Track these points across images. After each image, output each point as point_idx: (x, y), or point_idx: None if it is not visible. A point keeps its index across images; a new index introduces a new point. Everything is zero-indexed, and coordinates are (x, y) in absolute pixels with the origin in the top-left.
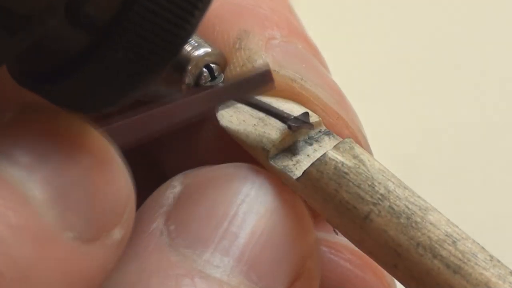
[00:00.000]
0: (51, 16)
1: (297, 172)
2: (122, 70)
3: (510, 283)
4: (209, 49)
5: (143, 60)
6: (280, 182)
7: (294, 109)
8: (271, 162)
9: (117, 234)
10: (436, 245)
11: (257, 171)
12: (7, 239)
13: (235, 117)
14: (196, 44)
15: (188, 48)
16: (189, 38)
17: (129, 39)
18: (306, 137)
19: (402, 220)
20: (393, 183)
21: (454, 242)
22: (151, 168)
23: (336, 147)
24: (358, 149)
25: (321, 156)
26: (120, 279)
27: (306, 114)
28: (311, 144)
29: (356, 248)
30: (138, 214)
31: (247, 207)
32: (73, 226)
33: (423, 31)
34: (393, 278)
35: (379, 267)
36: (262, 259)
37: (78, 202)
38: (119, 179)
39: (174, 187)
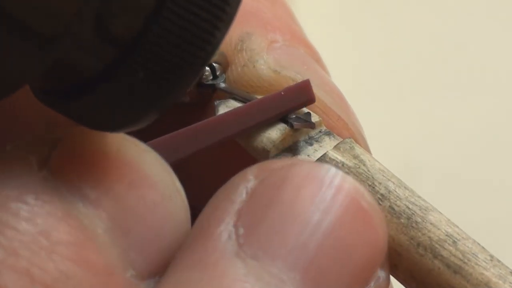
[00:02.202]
0: (76, 33)
1: None
2: (142, 90)
3: (510, 283)
4: None
5: (164, 81)
6: (357, 188)
7: None
8: None
9: None
10: (436, 245)
11: (336, 175)
12: (75, 275)
13: None
14: None
15: None
16: (211, 59)
17: (149, 60)
18: (307, 137)
19: (402, 220)
20: (394, 183)
21: (454, 242)
22: None
23: (336, 147)
24: (358, 149)
25: (322, 156)
26: (177, 285)
27: (308, 114)
28: (311, 144)
29: None
30: (206, 209)
31: (320, 216)
32: (135, 264)
33: (422, 33)
34: (390, 278)
35: None
36: (328, 273)
37: (140, 239)
38: (181, 214)
39: (248, 181)
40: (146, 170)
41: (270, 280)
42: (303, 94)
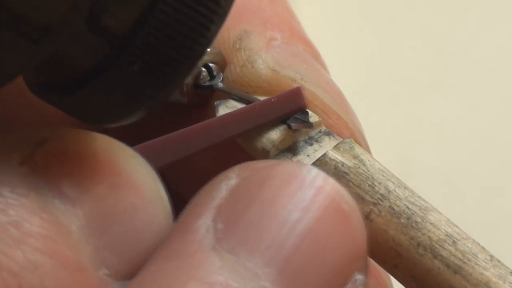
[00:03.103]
0: (71, 26)
1: None
2: (138, 83)
3: (510, 283)
4: None
5: (160, 74)
6: (338, 190)
7: None
8: None
9: None
10: (436, 245)
11: (317, 175)
12: (44, 266)
13: None
14: None
15: None
16: (205, 53)
17: (145, 52)
18: (306, 137)
19: (402, 220)
20: (393, 183)
21: (454, 242)
22: None
23: (336, 147)
24: (358, 149)
25: (321, 156)
26: (154, 276)
27: (306, 114)
28: (311, 144)
29: None
30: (188, 205)
31: (299, 215)
32: (108, 263)
33: (423, 32)
34: (390, 277)
35: (375, 267)
36: (305, 271)
37: (116, 240)
38: (160, 219)
39: (229, 179)
40: (129, 174)
41: (244, 274)
42: (294, 101)
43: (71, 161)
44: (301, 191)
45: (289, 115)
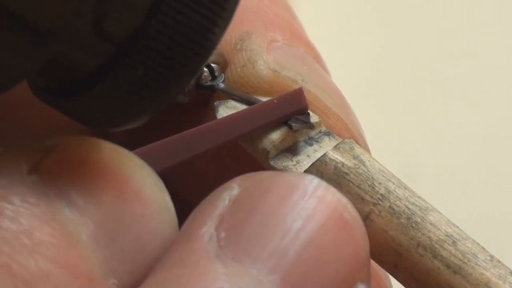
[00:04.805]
0: (74, 29)
1: None
2: (141, 87)
3: (510, 283)
4: None
5: (163, 78)
6: (340, 200)
7: None
8: (271, 163)
9: None
10: (436, 245)
11: (319, 185)
12: (55, 276)
13: None
14: None
15: None
16: (209, 57)
17: (149, 56)
18: (306, 137)
19: (402, 221)
20: (393, 183)
21: (454, 242)
22: None
23: (336, 148)
24: (358, 150)
25: (321, 156)
26: (160, 284)
27: (306, 114)
28: (311, 145)
29: None
30: (190, 216)
31: (302, 224)
32: (117, 273)
33: (423, 32)
34: (390, 278)
35: (375, 268)
36: (308, 279)
37: (124, 250)
38: (167, 231)
39: (232, 189)
40: (137, 184)
41: (249, 282)
42: (296, 102)
43: (78, 169)
44: (303, 200)
45: (290, 116)
